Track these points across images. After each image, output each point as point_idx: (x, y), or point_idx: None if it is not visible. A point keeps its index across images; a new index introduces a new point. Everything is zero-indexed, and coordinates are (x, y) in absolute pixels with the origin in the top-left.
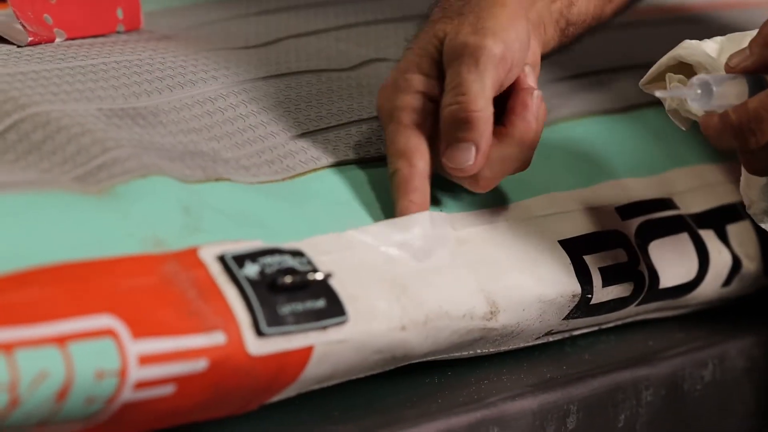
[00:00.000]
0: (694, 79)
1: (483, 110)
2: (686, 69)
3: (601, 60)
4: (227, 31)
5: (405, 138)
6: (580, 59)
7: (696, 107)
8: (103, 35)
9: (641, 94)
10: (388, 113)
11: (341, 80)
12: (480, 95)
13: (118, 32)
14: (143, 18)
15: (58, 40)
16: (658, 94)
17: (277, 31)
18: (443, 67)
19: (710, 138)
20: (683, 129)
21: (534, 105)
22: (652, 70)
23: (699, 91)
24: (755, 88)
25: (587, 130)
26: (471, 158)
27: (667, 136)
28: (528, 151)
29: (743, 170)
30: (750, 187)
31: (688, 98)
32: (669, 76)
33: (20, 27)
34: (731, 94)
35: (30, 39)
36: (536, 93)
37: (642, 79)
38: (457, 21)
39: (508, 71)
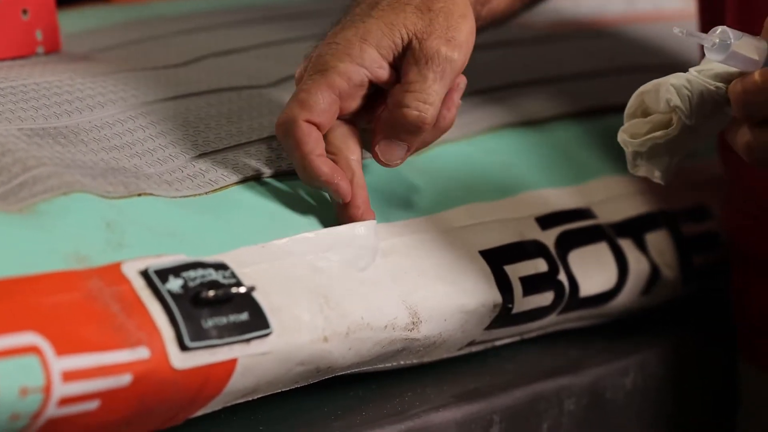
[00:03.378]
0: (715, 31)
1: (433, 120)
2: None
3: (515, 74)
4: (147, 51)
5: (322, 96)
6: (493, 73)
7: (712, 57)
8: (22, 57)
9: (553, 108)
10: (322, 64)
11: (261, 96)
12: (437, 106)
13: (38, 54)
14: (62, 39)
15: None
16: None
17: (197, 50)
18: (399, 57)
19: (746, 95)
20: (660, 181)
21: (457, 99)
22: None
23: (717, 41)
24: None
25: (505, 142)
26: (402, 157)
27: (581, 148)
28: (439, 135)
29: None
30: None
31: (705, 45)
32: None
33: None
34: (750, 49)
35: None
36: (462, 85)
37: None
38: (428, 19)
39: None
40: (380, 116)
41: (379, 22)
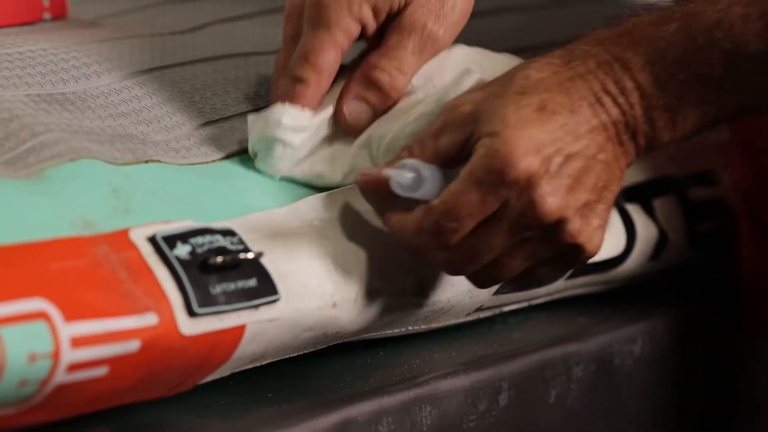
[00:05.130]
0: (407, 163)
1: (402, 89)
2: None
3: (520, 39)
4: (153, 17)
5: (332, 57)
6: (502, 40)
7: (404, 194)
8: (29, 23)
9: None
10: (323, 17)
11: (267, 63)
12: (409, 78)
13: (45, 20)
14: (69, 5)
15: None
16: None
17: (202, 17)
18: (388, 20)
19: (435, 224)
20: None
21: None
22: None
23: (410, 175)
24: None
25: None
26: (365, 121)
27: None
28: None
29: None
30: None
31: (396, 181)
32: None
33: None
34: (434, 178)
35: None
36: None
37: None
38: None
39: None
40: (352, 77)
41: None
